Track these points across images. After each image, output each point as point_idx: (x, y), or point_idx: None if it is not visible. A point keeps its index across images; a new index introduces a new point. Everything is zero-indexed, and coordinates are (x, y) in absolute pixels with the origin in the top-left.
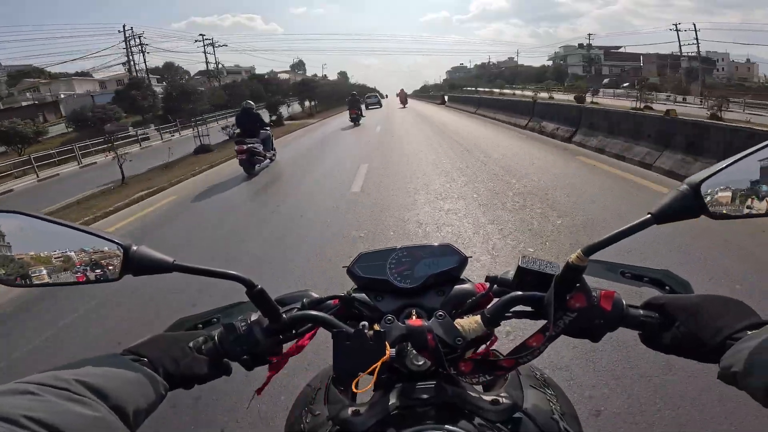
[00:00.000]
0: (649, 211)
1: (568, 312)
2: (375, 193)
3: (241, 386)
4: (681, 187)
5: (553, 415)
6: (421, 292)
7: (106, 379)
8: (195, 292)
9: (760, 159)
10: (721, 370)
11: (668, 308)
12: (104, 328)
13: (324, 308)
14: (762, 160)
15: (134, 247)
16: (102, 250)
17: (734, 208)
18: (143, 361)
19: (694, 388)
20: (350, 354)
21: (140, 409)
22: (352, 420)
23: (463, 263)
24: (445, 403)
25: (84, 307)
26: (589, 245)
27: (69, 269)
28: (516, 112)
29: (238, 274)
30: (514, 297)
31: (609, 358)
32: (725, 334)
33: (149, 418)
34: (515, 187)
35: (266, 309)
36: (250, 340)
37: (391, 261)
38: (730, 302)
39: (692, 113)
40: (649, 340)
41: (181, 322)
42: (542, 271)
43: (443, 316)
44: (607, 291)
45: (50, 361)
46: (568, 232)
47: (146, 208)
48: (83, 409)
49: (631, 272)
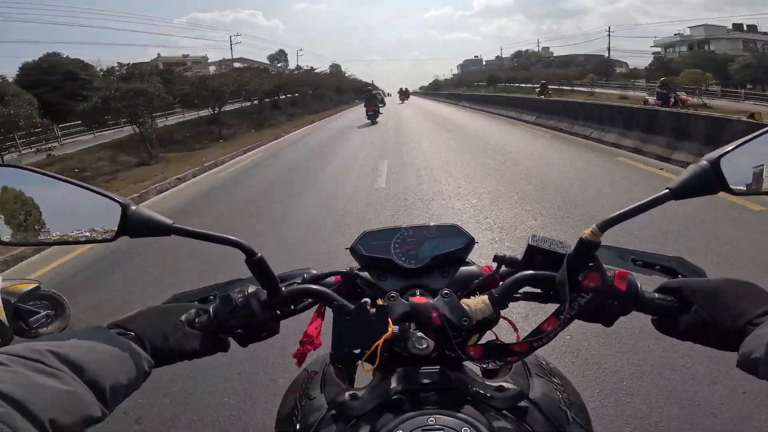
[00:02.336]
0: (667, 186)
1: (582, 293)
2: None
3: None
4: (700, 162)
5: (560, 404)
6: (425, 273)
7: (83, 351)
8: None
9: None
10: (741, 357)
11: (684, 292)
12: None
13: (325, 284)
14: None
15: (133, 207)
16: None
17: (753, 184)
18: (129, 335)
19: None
20: (351, 330)
21: (119, 384)
22: (350, 404)
23: (470, 245)
24: (448, 388)
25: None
26: (605, 220)
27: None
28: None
29: (238, 240)
30: (523, 276)
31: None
32: (746, 320)
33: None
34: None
35: (265, 279)
36: (246, 312)
37: (395, 240)
38: (749, 287)
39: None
40: (663, 325)
41: (176, 298)
42: (553, 250)
43: (449, 295)
44: (621, 271)
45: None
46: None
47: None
48: (53, 382)
49: (642, 259)
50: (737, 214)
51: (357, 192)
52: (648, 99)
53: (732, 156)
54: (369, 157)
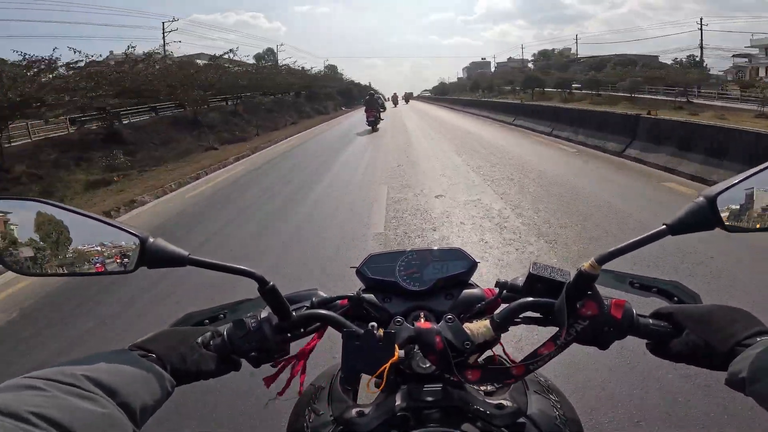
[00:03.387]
0: (665, 222)
1: (579, 319)
2: None
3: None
4: (697, 199)
5: (557, 420)
6: (429, 295)
7: (113, 374)
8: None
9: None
10: (729, 376)
11: (677, 317)
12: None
13: (332, 308)
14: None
15: (151, 239)
16: (116, 242)
17: (749, 222)
18: (151, 357)
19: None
20: (359, 354)
21: (147, 405)
22: (357, 420)
23: (473, 268)
24: (451, 406)
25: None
26: (603, 254)
27: (85, 260)
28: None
29: (252, 271)
30: (524, 303)
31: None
32: (734, 341)
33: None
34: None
35: (277, 306)
36: (259, 337)
37: (400, 263)
38: (738, 311)
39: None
40: (657, 349)
41: (187, 317)
42: (553, 278)
43: (452, 320)
44: (618, 299)
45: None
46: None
47: None
48: (91, 405)
49: (640, 282)
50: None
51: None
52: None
53: (729, 193)
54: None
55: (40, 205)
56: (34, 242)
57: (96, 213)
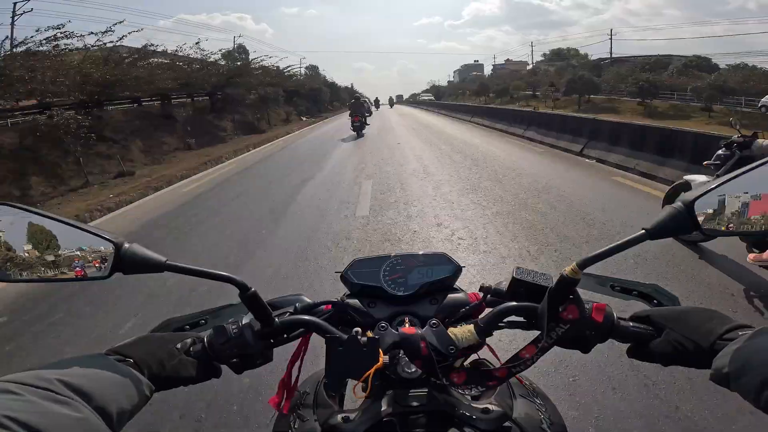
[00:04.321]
0: (643, 227)
1: (561, 323)
2: None
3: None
4: (675, 204)
5: (542, 424)
6: (414, 300)
7: (89, 379)
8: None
9: (753, 178)
10: (714, 372)
11: (656, 319)
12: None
13: (316, 313)
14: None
15: (126, 245)
16: (93, 246)
17: (726, 226)
18: (128, 362)
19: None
20: (343, 360)
21: (124, 410)
22: (343, 426)
23: (457, 272)
24: (436, 411)
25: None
26: (584, 258)
27: (58, 265)
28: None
29: (232, 276)
30: (507, 307)
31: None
32: (715, 336)
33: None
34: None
35: (259, 312)
36: (240, 343)
37: (385, 268)
38: (713, 311)
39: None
40: (638, 352)
41: (168, 323)
42: (536, 282)
43: (437, 325)
44: (599, 303)
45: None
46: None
47: None
48: (66, 409)
49: (621, 286)
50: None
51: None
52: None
53: (706, 198)
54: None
55: (13, 210)
56: (5, 247)
57: (72, 219)
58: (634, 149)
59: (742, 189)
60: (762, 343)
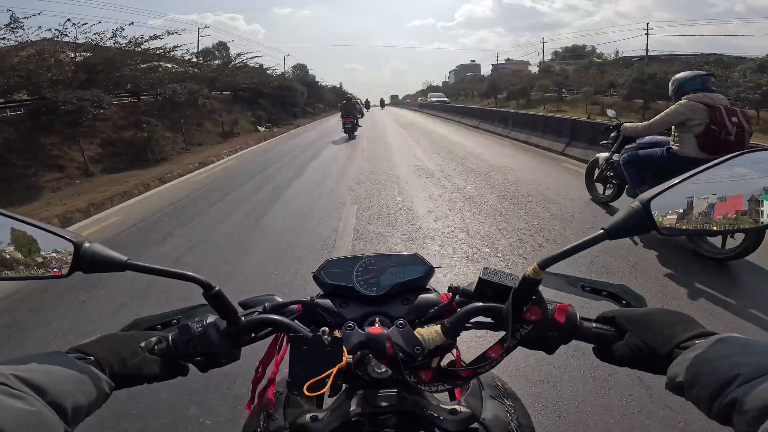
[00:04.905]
0: (602, 227)
1: (524, 324)
2: None
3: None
4: (633, 203)
5: (509, 426)
6: (386, 301)
7: (45, 375)
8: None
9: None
10: (668, 380)
11: (619, 320)
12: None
13: (287, 313)
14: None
15: (87, 244)
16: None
17: (682, 225)
18: (88, 360)
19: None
20: (306, 359)
21: (80, 405)
22: (310, 425)
23: (430, 273)
24: (405, 411)
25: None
26: (545, 259)
27: (15, 264)
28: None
29: (194, 275)
30: (473, 308)
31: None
32: (673, 344)
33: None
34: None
35: (224, 311)
36: (204, 342)
37: (357, 268)
38: (678, 315)
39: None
40: (602, 352)
41: (137, 323)
42: (502, 283)
43: (403, 325)
44: (562, 304)
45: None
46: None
47: None
48: (18, 403)
49: (590, 286)
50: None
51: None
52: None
53: (663, 197)
54: None
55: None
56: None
57: (32, 217)
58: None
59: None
60: (715, 352)
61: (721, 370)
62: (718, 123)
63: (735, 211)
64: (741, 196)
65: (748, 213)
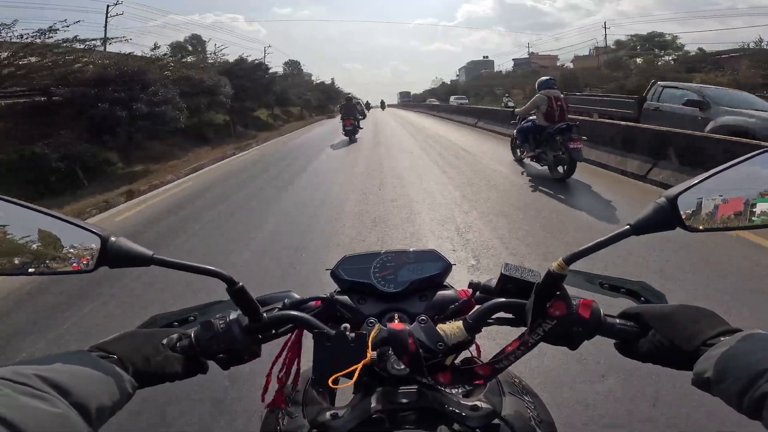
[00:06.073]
0: (628, 223)
1: (547, 319)
2: None
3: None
4: (659, 200)
5: (530, 422)
6: (404, 297)
7: (68, 375)
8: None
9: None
10: (695, 376)
11: (643, 317)
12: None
13: (305, 309)
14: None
15: (113, 238)
16: (78, 239)
17: (709, 222)
18: (111, 358)
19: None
20: (330, 355)
21: (104, 406)
22: (331, 423)
23: (448, 269)
24: (426, 407)
25: None
26: (570, 254)
27: (42, 258)
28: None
29: (218, 271)
30: (495, 303)
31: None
32: (699, 341)
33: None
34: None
35: (246, 307)
36: (227, 338)
37: (375, 265)
38: (702, 312)
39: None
40: (624, 348)
41: (154, 320)
42: (524, 278)
43: (425, 321)
44: (586, 300)
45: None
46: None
47: None
48: (42, 404)
49: (609, 283)
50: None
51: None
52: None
53: (690, 193)
54: None
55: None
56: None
57: (58, 212)
58: None
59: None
60: (742, 347)
61: (750, 366)
62: (552, 106)
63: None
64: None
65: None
